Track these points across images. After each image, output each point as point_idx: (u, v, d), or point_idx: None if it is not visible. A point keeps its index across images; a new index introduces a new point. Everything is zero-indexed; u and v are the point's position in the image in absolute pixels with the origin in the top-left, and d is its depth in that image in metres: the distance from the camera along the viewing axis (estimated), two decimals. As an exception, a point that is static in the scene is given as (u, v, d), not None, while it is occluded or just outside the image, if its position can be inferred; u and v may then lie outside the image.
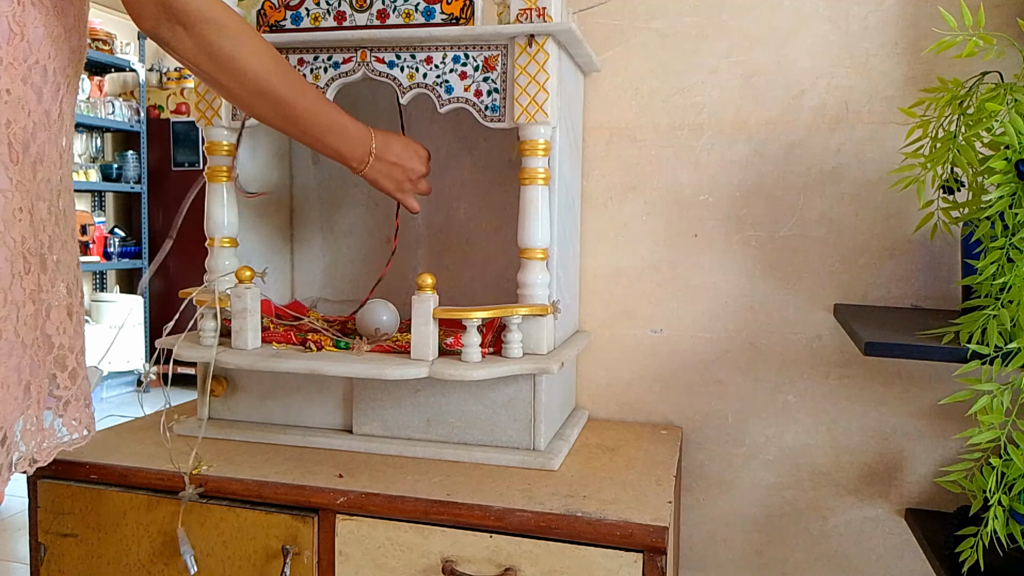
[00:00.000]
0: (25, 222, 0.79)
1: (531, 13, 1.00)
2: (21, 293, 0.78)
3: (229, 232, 1.15)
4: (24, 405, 0.80)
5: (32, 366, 0.81)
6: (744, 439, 1.29)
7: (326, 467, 1.02)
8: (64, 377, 0.87)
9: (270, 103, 0.92)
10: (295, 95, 0.93)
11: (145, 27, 0.81)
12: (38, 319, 0.82)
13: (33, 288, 0.80)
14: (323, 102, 0.98)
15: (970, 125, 0.90)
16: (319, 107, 0.97)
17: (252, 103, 0.92)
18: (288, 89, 0.92)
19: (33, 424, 0.83)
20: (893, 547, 1.25)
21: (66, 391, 0.87)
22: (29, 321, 0.80)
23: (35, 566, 1.05)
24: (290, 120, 0.95)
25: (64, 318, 0.86)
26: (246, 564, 0.97)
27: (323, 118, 0.97)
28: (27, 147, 0.79)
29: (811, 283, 1.25)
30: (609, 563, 0.87)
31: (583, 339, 1.25)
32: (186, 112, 5.05)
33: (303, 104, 0.94)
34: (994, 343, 0.84)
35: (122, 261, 4.87)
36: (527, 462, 1.03)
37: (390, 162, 1.05)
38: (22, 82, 0.78)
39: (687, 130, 1.28)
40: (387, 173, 1.05)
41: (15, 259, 0.77)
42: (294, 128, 0.96)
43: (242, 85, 0.89)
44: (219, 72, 0.87)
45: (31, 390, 0.81)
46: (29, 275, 0.79)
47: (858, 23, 1.21)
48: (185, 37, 0.82)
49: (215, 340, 1.09)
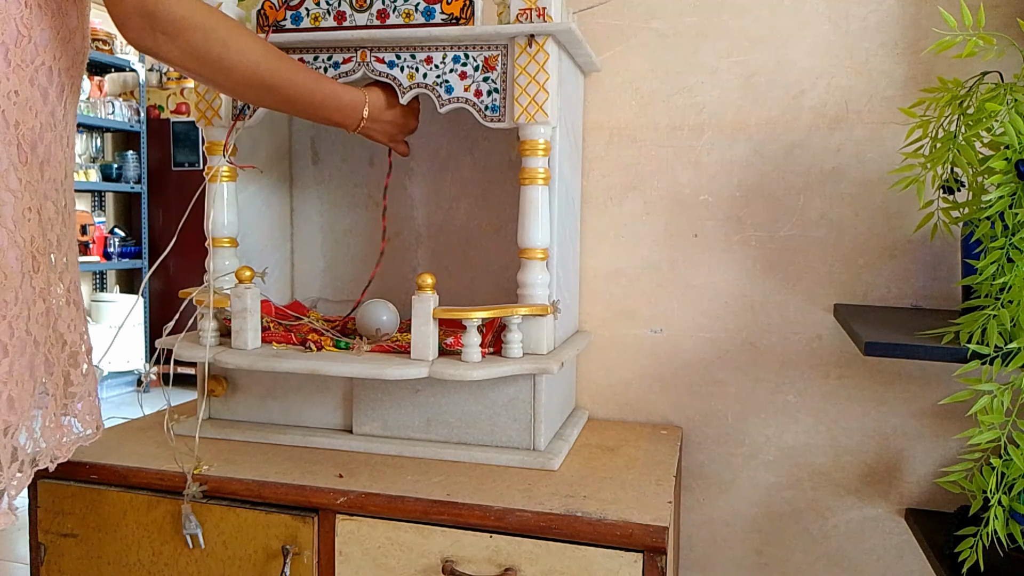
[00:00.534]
0: (34, 222, 0.80)
1: (531, 13, 1.00)
2: (32, 292, 0.79)
3: (229, 232, 1.15)
4: (42, 402, 0.82)
5: (47, 364, 0.82)
6: (744, 439, 1.29)
7: (326, 467, 1.02)
8: (77, 374, 0.88)
9: (261, 92, 0.95)
10: (285, 80, 0.95)
11: (130, 37, 0.81)
12: (49, 317, 0.83)
13: (43, 286, 0.81)
14: (314, 80, 1.00)
15: (970, 125, 0.90)
16: (311, 86, 0.99)
17: (245, 94, 0.96)
18: (276, 77, 0.94)
19: (52, 421, 0.85)
20: (893, 547, 1.25)
21: (79, 387, 0.89)
22: (40, 319, 0.81)
23: (35, 566, 1.05)
24: (285, 102, 0.98)
25: (74, 315, 0.88)
26: (246, 564, 0.97)
27: (316, 95, 1.00)
28: (35, 147, 0.80)
29: (811, 283, 1.25)
30: (609, 563, 0.87)
31: (583, 339, 1.25)
32: (186, 112, 5.05)
33: (293, 88, 0.97)
34: (994, 343, 0.84)
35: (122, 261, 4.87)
36: (527, 462, 1.03)
37: (384, 121, 1.09)
38: (29, 84, 0.79)
39: (687, 130, 1.28)
40: (381, 130, 1.10)
41: (25, 258, 0.78)
42: (290, 108, 1.00)
43: (232, 80, 0.91)
44: (208, 71, 0.89)
45: (47, 387, 0.82)
46: (39, 274, 0.80)
47: (858, 23, 1.21)
48: (170, 45, 0.83)
49: (215, 340, 1.09)
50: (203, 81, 0.92)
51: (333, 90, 1.02)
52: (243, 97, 0.98)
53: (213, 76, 0.89)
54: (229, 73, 0.89)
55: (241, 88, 0.93)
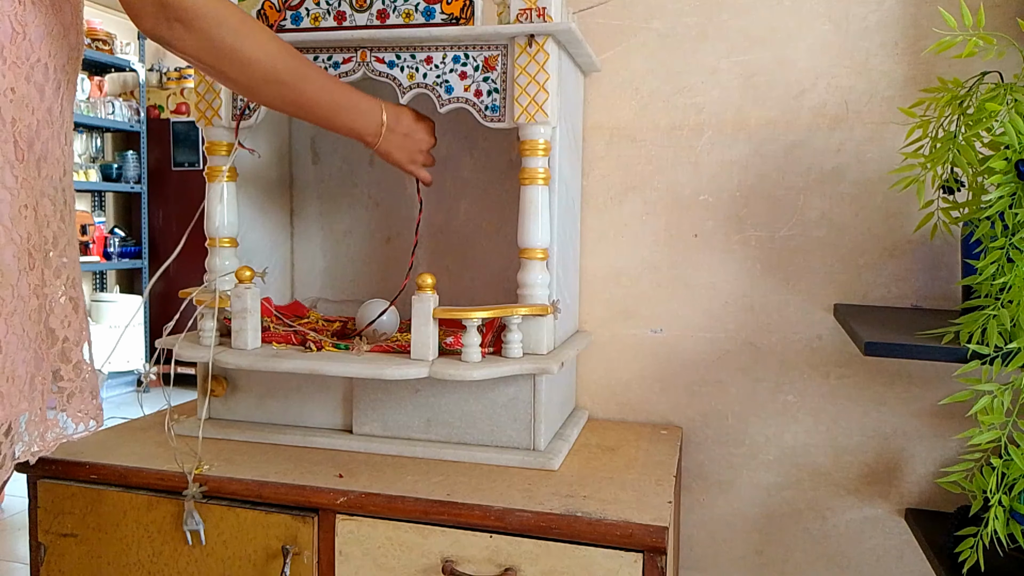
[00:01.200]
0: (30, 219, 0.80)
1: (531, 13, 1.00)
2: (27, 288, 0.80)
3: (229, 232, 1.15)
4: (30, 398, 0.81)
5: (36, 360, 0.82)
6: (744, 439, 1.29)
7: (326, 467, 1.02)
8: (68, 369, 0.88)
9: (278, 90, 0.92)
10: (302, 79, 0.93)
11: (145, 27, 0.80)
12: (41, 313, 0.83)
13: (37, 283, 0.81)
14: (332, 82, 0.98)
15: (970, 125, 0.90)
16: (329, 87, 0.97)
17: (260, 91, 0.92)
18: (294, 74, 0.92)
19: (36, 415, 0.85)
20: (893, 547, 1.25)
21: (70, 383, 0.88)
22: (33, 316, 0.81)
23: (35, 566, 1.05)
24: (300, 105, 0.95)
25: (69, 312, 0.88)
26: (246, 564, 0.97)
27: (334, 97, 0.97)
28: (32, 145, 0.80)
29: (811, 283, 1.25)
30: (609, 563, 0.87)
31: (583, 339, 1.25)
32: (186, 112, 5.05)
33: (312, 87, 0.94)
34: (994, 343, 0.84)
35: (122, 261, 4.87)
36: (527, 462, 1.03)
37: (402, 134, 1.05)
38: (25, 80, 0.78)
39: (687, 130, 1.28)
40: (399, 145, 1.06)
41: (21, 255, 0.79)
42: (306, 112, 0.97)
43: (248, 76, 0.89)
44: (224, 65, 0.87)
45: (35, 383, 0.82)
46: (34, 271, 0.81)
47: (858, 23, 1.21)
48: (186, 35, 0.82)
49: (215, 340, 1.09)
50: (217, 76, 0.89)
51: (351, 95, 0.99)
52: (257, 95, 0.93)
53: (229, 70, 0.87)
54: (245, 67, 0.87)
55: (257, 84, 0.90)
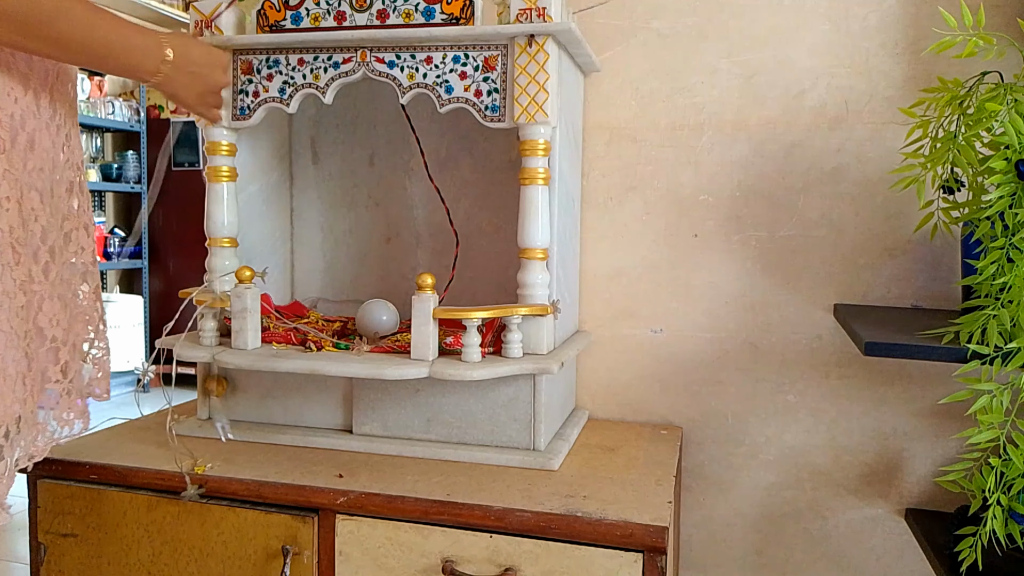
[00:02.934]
0: (13, 212, 0.78)
1: (531, 13, 1.00)
2: (11, 284, 0.78)
3: (229, 232, 1.15)
4: (22, 399, 0.80)
5: (28, 359, 0.81)
6: (744, 439, 1.29)
7: (326, 467, 1.02)
8: (56, 371, 0.86)
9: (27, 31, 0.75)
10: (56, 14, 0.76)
11: None
12: (30, 311, 0.81)
13: (24, 279, 0.79)
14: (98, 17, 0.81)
15: (970, 125, 0.90)
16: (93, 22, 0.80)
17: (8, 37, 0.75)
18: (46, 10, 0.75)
19: (29, 418, 0.83)
20: (893, 547, 1.25)
21: (58, 385, 0.87)
22: (20, 313, 0.79)
23: (35, 566, 1.05)
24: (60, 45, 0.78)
25: (58, 311, 0.86)
26: (246, 564, 0.97)
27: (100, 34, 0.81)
28: (15, 135, 0.78)
29: (811, 283, 1.25)
30: (609, 563, 0.87)
31: (583, 339, 1.25)
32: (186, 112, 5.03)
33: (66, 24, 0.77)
34: (994, 343, 0.84)
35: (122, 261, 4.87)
36: (527, 462, 1.03)
37: (188, 72, 0.94)
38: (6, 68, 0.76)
39: (687, 130, 1.28)
40: (186, 84, 0.95)
41: (3, 249, 0.77)
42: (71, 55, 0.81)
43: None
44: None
45: (26, 383, 0.81)
46: (19, 266, 0.79)
47: (858, 23, 1.21)
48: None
49: (215, 340, 1.09)
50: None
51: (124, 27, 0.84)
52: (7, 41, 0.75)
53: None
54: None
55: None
